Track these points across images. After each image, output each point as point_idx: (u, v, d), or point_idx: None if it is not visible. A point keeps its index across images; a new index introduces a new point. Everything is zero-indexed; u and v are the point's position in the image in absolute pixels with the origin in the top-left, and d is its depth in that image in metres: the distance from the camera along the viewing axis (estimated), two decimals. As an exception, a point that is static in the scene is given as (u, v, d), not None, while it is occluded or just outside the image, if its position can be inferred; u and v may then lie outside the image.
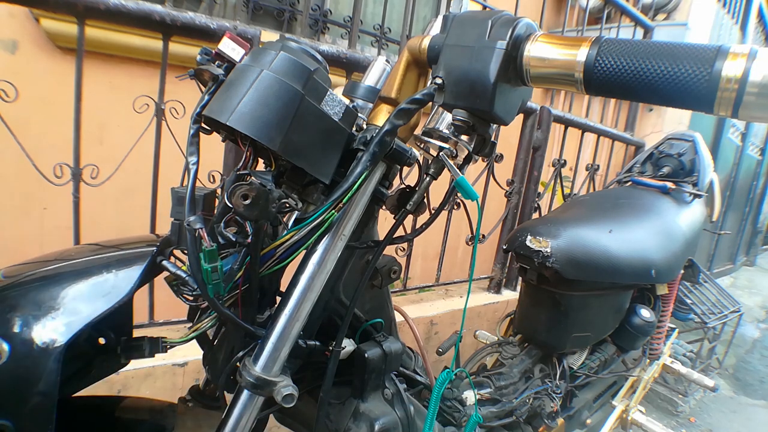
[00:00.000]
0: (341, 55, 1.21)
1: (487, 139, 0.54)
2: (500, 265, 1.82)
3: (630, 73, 0.41)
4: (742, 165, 4.15)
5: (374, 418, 0.58)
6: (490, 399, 0.89)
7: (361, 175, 0.47)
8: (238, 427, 0.46)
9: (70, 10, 0.90)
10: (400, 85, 0.54)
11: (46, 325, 0.40)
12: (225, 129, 0.45)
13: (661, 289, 1.24)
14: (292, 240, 0.46)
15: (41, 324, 0.40)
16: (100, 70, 1.45)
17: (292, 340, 0.47)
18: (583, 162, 2.08)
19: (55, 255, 0.50)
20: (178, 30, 1.00)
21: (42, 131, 1.38)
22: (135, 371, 1.01)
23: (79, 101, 0.98)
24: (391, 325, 0.67)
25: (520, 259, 0.94)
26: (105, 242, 0.53)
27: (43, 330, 0.40)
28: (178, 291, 0.47)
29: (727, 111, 0.39)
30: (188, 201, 0.43)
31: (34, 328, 0.40)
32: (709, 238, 3.78)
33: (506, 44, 0.45)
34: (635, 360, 1.30)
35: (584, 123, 1.94)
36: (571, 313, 0.96)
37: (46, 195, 1.41)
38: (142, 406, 0.64)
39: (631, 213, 1.09)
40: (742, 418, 2.17)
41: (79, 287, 0.44)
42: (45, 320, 0.41)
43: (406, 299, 1.64)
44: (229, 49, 0.46)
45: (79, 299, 0.43)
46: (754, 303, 3.92)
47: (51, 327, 0.40)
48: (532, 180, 1.78)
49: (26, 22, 1.36)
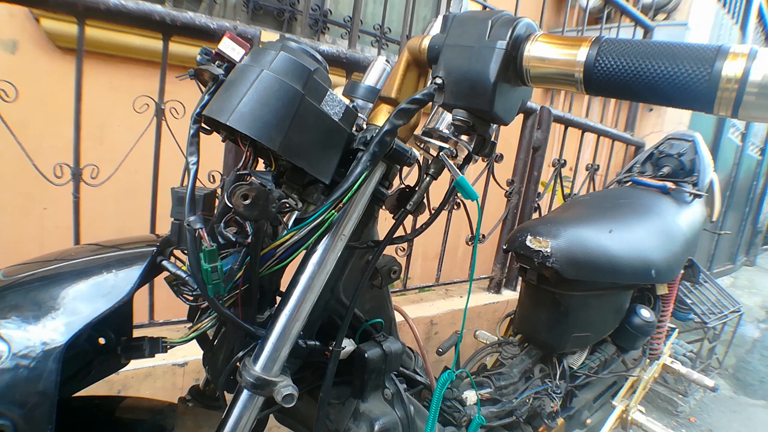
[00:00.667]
0: (341, 55, 1.21)
1: (487, 139, 0.54)
2: (500, 265, 1.82)
3: (630, 73, 0.41)
4: (742, 165, 4.15)
5: (374, 418, 0.58)
6: (490, 399, 0.89)
7: (361, 175, 0.47)
8: (238, 427, 0.46)
9: (70, 10, 0.90)
10: (400, 85, 0.54)
11: (46, 324, 0.40)
12: (225, 129, 0.45)
13: (661, 289, 1.24)
14: (292, 240, 0.46)
15: (41, 324, 0.40)
16: (100, 70, 1.45)
17: (292, 340, 0.47)
18: (583, 162, 2.08)
19: (55, 255, 0.50)
20: (178, 30, 1.00)
21: (42, 131, 1.38)
22: (135, 371, 1.01)
23: (79, 101, 0.98)
24: (391, 325, 0.67)
25: (520, 259, 0.94)
26: (105, 242, 0.53)
27: (43, 330, 0.40)
28: (178, 291, 0.47)
29: (727, 111, 0.39)
30: (188, 201, 0.43)
31: (34, 328, 0.40)
32: (709, 238, 3.78)
33: (506, 44, 0.45)
34: (635, 360, 1.30)
35: (584, 123, 1.94)
36: (571, 313, 0.96)
37: (46, 195, 1.41)
38: (142, 406, 0.64)
39: (631, 213, 1.09)
40: (742, 418, 2.17)
41: (79, 287, 0.44)
42: (45, 320, 0.41)
43: (406, 299, 1.64)
44: (229, 49, 0.46)
45: (79, 299, 0.43)
46: (754, 303, 3.92)
47: (51, 327, 0.40)
48: (532, 180, 1.78)
49: (26, 22, 1.36)
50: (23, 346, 0.39)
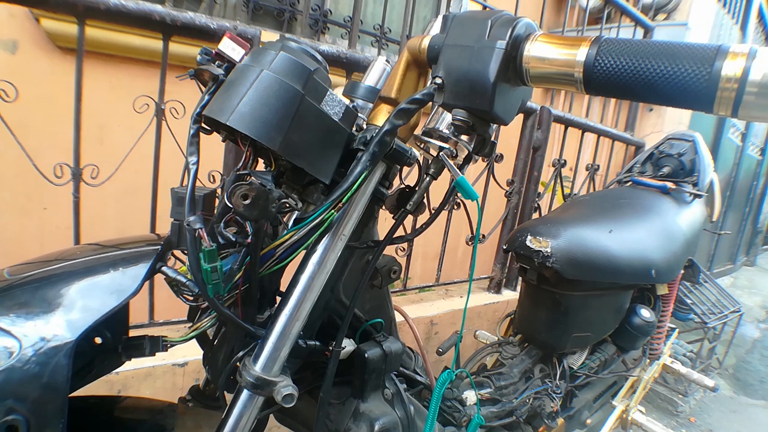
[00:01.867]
0: (341, 55, 1.21)
1: (487, 139, 0.54)
2: (500, 265, 1.82)
3: (630, 72, 0.41)
4: (742, 165, 4.15)
5: (374, 418, 0.58)
6: (490, 399, 0.89)
7: (361, 175, 0.47)
8: (238, 427, 0.46)
9: (70, 10, 0.90)
10: (400, 85, 0.54)
11: (55, 321, 0.41)
12: (225, 129, 0.45)
13: (661, 289, 1.24)
14: (292, 240, 0.46)
15: (51, 320, 0.41)
16: (100, 70, 1.45)
17: (292, 340, 0.47)
18: (583, 162, 2.08)
19: (56, 255, 0.50)
20: (178, 30, 1.00)
21: (42, 131, 1.38)
22: (135, 371, 1.01)
23: (79, 101, 0.98)
24: (391, 325, 0.67)
25: (520, 259, 0.94)
26: (106, 242, 0.53)
27: (53, 326, 0.40)
28: (178, 291, 0.47)
29: (726, 110, 0.39)
30: (188, 201, 0.43)
31: (44, 324, 0.40)
32: (709, 238, 3.78)
33: (506, 44, 0.45)
34: (635, 360, 1.30)
35: (584, 123, 1.94)
36: (571, 313, 0.96)
37: (46, 195, 1.41)
38: (142, 406, 0.64)
39: (631, 213, 1.09)
40: (742, 418, 2.17)
41: (86, 285, 0.44)
42: (54, 317, 0.41)
43: (406, 299, 1.64)
44: (229, 49, 0.46)
45: (87, 296, 0.43)
46: (754, 303, 3.92)
47: (60, 323, 0.41)
48: (532, 180, 1.78)
49: (26, 22, 1.36)
50: (34, 343, 0.39)
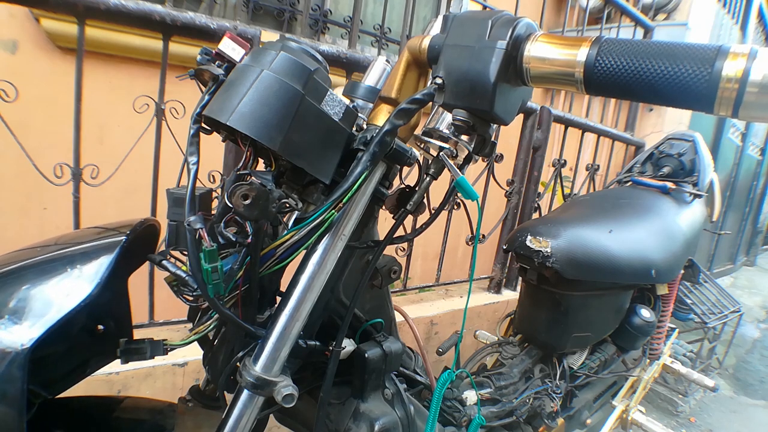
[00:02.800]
0: (341, 55, 1.21)
1: (487, 139, 0.54)
2: (500, 265, 1.82)
3: (630, 73, 0.41)
4: (742, 165, 4.15)
5: (374, 418, 0.58)
6: (490, 399, 0.89)
7: (361, 175, 0.47)
8: (238, 427, 0.46)
9: (70, 10, 0.90)
10: (400, 85, 0.54)
11: (6, 328, 0.37)
12: (225, 129, 0.45)
13: (661, 289, 1.24)
14: (292, 240, 0.46)
15: (1, 328, 0.37)
16: (100, 70, 1.45)
17: (292, 340, 0.47)
18: (583, 162, 2.08)
19: (8, 257, 0.47)
20: (178, 30, 1.00)
21: (42, 131, 1.38)
22: (135, 371, 1.01)
23: (79, 101, 0.98)
24: (391, 325, 0.67)
25: (520, 259, 0.94)
26: (66, 235, 0.50)
27: (3, 334, 0.37)
28: (178, 291, 0.47)
29: (727, 111, 0.39)
30: (188, 201, 0.43)
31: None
32: (709, 238, 3.78)
33: (506, 44, 0.45)
34: (635, 360, 1.30)
35: (584, 123, 1.94)
36: (571, 313, 0.96)
37: (46, 195, 1.41)
38: (142, 406, 0.64)
39: (631, 213, 1.09)
40: (742, 418, 2.17)
41: (39, 287, 0.41)
42: (4, 324, 0.38)
43: (406, 299, 1.64)
44: (229, 49, 0.46)
45: (40, 300, 0.39)
46: (754, 303, 3.92)
47: (12, 331, 0.37)
48: (532, 180, 1.78)
49: (26, 22, 1.36)
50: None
